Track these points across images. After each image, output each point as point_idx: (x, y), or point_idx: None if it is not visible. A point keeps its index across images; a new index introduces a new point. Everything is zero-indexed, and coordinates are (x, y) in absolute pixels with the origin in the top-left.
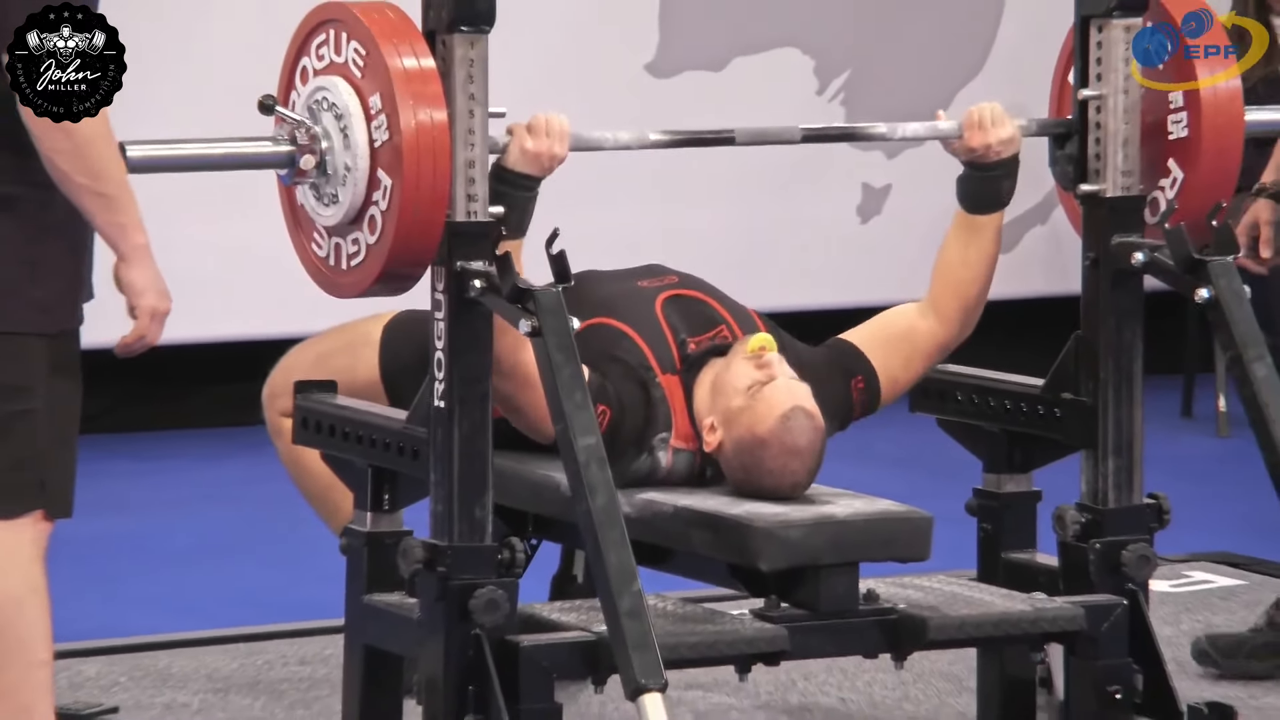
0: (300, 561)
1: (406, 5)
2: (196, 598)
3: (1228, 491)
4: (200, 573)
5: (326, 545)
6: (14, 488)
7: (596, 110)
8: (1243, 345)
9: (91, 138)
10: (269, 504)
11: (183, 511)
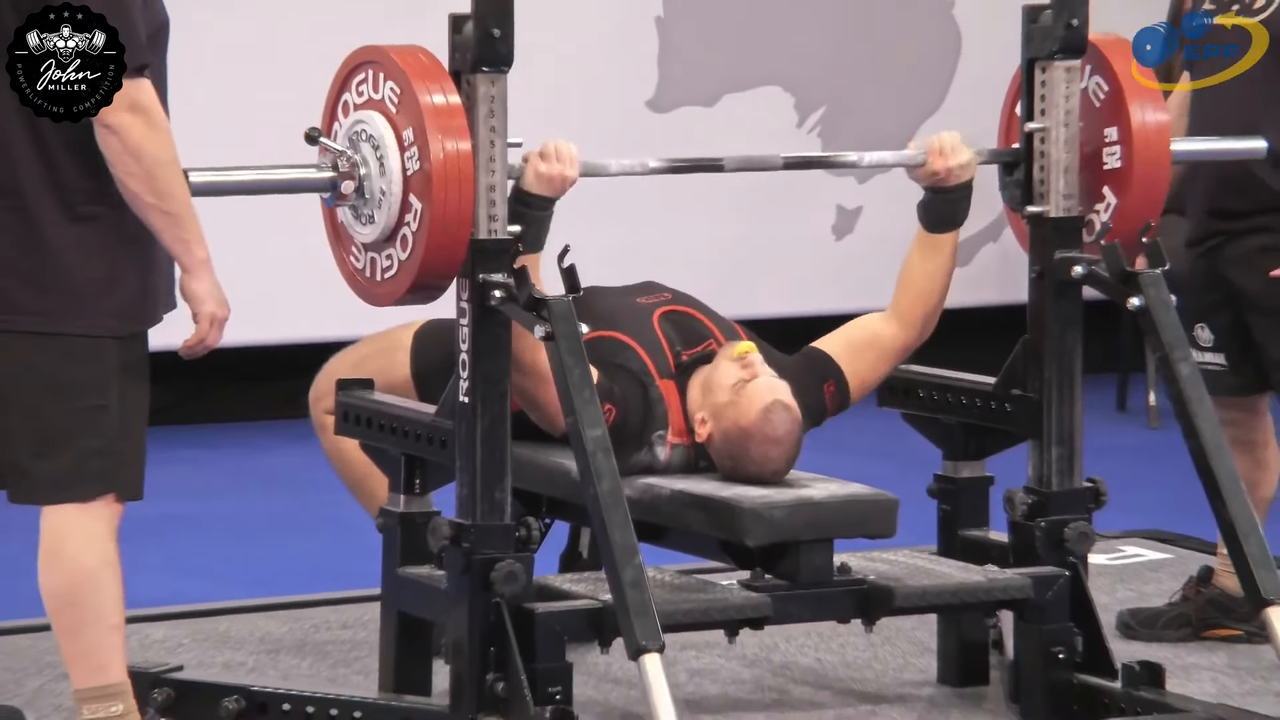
0: (341, 538)
1: (435, 47)
2: (251, 569)
3: (1157, 476)
4: (254, 547)
5: (364, 524)
6: (89, 474)
7: (602, 141)
8: (1170, 347)
9: (159, 163)
10: (313, 488)
11: (238, 494)
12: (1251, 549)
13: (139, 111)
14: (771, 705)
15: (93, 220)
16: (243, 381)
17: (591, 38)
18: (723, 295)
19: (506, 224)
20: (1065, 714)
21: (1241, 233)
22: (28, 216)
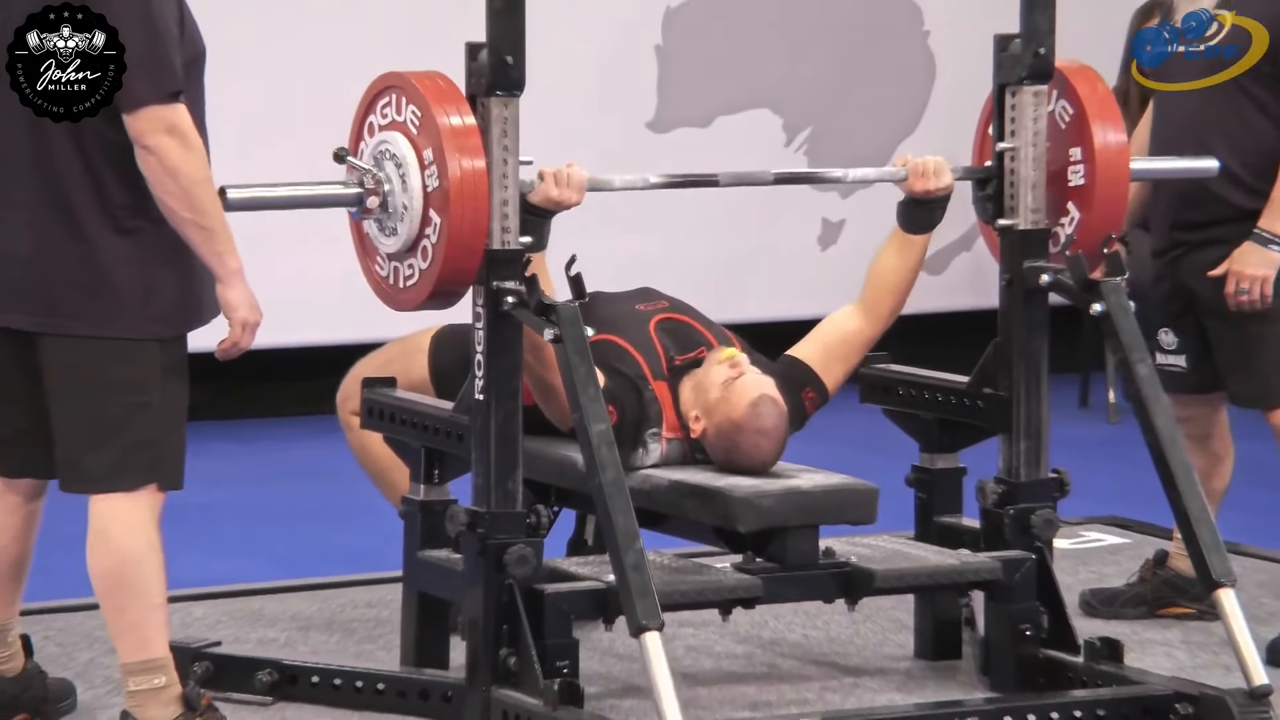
0: (365, 524)
1: (452, 73)
2: (282, 553)
3: (1116, 467)
4: (285, 533)
5: (386, 511)
6: (134, 466)
7: (606, 159)
8: (1128, 349)
9: (194, 182)
10: (339, 479)
11: (271, 484)
12: (1203, 535)
13: (175, 134)
14: (762, 678)
15: (135, 233)
16: (273, 381)
17: (596, 65)
18: (717, 300)
19: (518, 235)
20: (1032, 686)
21: (1200, 244)
22: (77, 231)
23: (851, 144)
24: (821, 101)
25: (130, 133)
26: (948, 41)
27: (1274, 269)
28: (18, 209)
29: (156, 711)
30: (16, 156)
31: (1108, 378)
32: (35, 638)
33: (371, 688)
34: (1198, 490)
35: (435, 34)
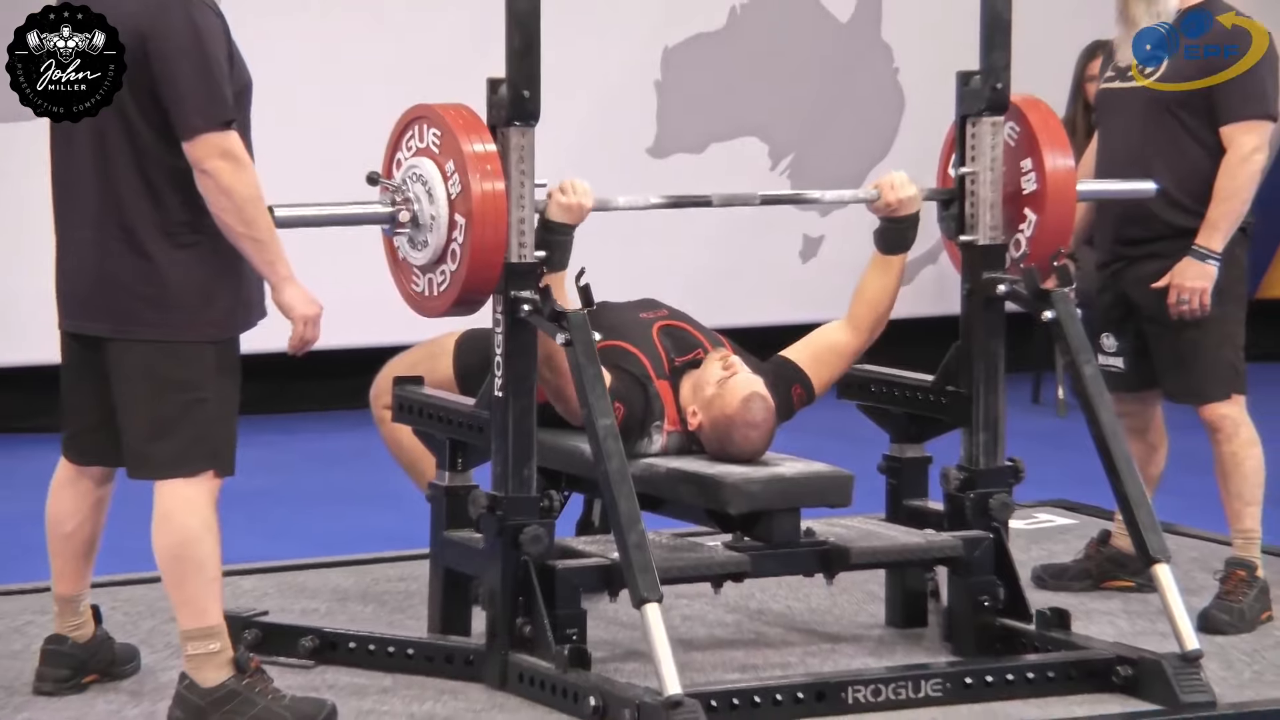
0: (397, 507)
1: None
2: (323, 532)
3: (1065, 456)
4: (325, 514)
5: (415, 496)
6: (193, 455)
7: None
8: (1076, 352)
9: (246, 200)
10: (373, 467)
11: (313, 471)
12: (1142, 516)
13: (228, 158)
14: (749, 644)
15: (192, 248)
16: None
17: (603, 98)
18: (710, 307)
19: (534, 250)
20: (989, 651)
21: (1140, 258)
22: (139, 247)
23: (829, 169)
24: (803, 131)
25: (189, 158)
26: (915, 77)
27: (1210, 281)
28: (86, 229)
29: (211, 673)
30: (83, 183)
31: (1057, 377)
32: (104, 608)
33: (402, 652)
34: (1137, 477)
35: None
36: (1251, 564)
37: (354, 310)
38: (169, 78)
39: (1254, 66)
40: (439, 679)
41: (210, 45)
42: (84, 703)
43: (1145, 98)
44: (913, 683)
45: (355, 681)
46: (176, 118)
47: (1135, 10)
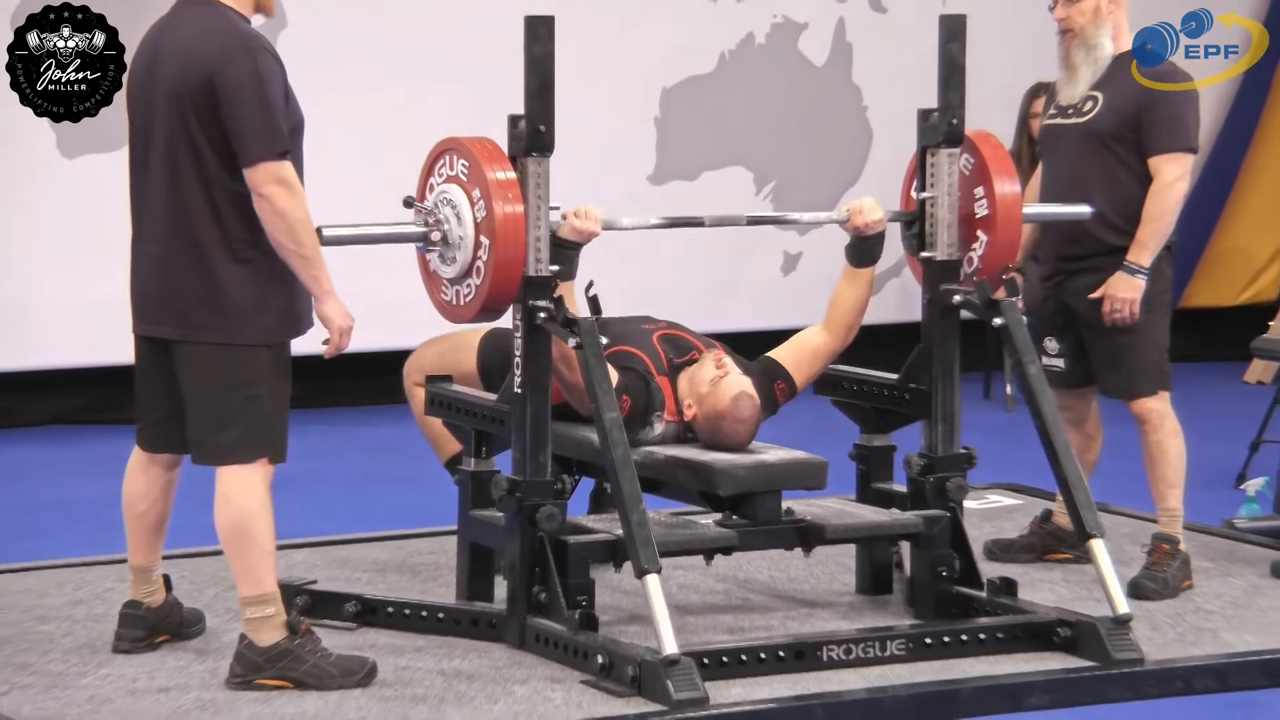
0: (429, 489)
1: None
2: (364, 511)
3: (1012, 445)
4: (367, 495)
5: (445, 479)
6: (251, 444)
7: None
8: (1021, 354)
9: (297, 221)
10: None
11: (355, 458)
12: (1079, 497)
13: (283, 184)
14: (737, 609)
15: (249, 262)
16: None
17: (609, 132)
18: (702, 314)
19: (549, 264)
20: (947, 615)
21: (1078, 271)
22: (204, 261)
23: (806, 193)
24: (783, 161)
25: (249, 183)
26: (881, 114)
27: (1139, 293)
28: (156, 244)
29: (267, 634)
30: (155, 203)
31: (1005, 376)
32: (173, 577)
33: (434, 616)
34: (1075, 463)
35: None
36: (1175, 539)
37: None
38: (234, 113)
39: (1178, 106)
40: (466, 640)
41: (269, 86)
42: (156, 660)
43: (1083, 132)
44: (880, 643)
45: (393, 642)
46: (239, 147)
47: (1076, 58)
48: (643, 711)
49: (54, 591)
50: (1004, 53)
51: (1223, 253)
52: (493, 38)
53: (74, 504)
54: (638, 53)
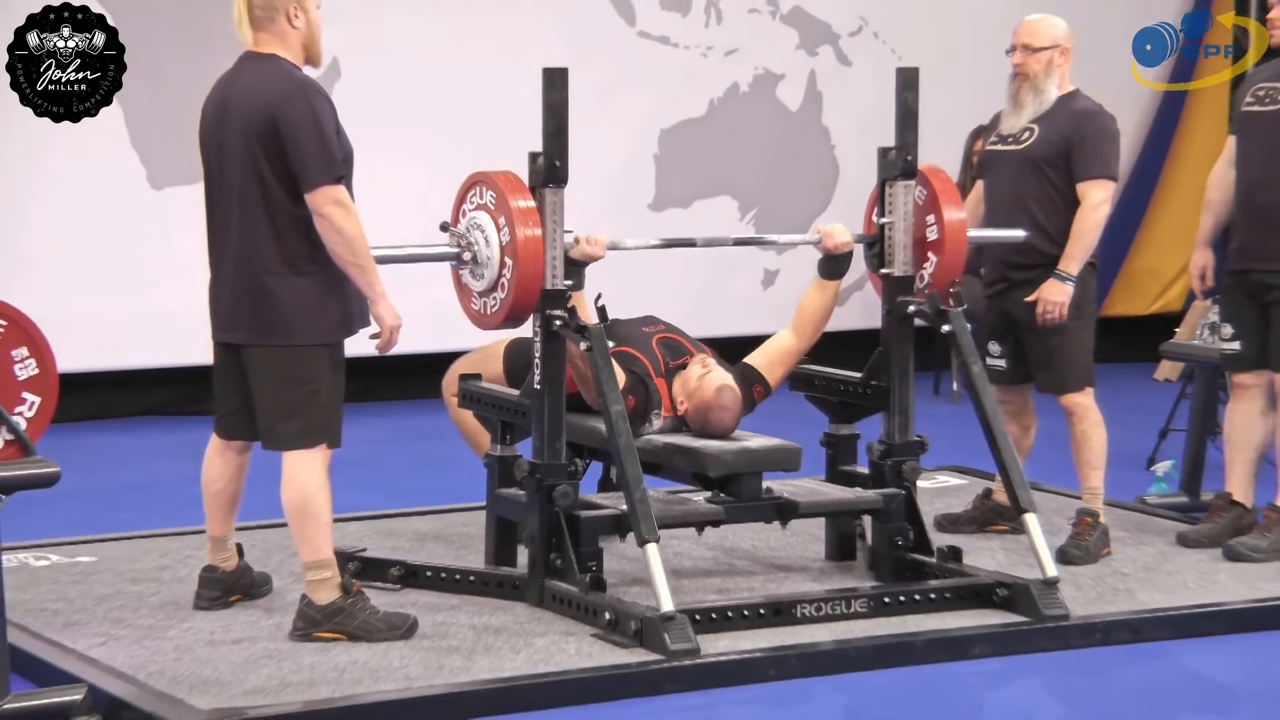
0: (461, 471)
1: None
2: (407, 489)
3: (958, 433)
4: (409, 476)
5: (475, 462)
6: (311, 432)
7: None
8: (966, 356)
9: (353, 237)
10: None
11: (400, 444)
12: (1015, 478)
13: (340, 204)
14: (724, 573)
15: (309, 275)
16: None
17: (615, 166)
18: (694, 321)
19: (563, 279)
20: (902, 578)
21: (1017, 283)
22: (270, 276)
23: (783, 219)
24: (763, 191)
25: (310, 205)
26: (847, 152)
27: (1068, 297)
28: (229, 261)
29: (324, 594)
30: (228, 226)
31: (952, 375)
32: (245, 545)
33: (465, 579)
34: (1011, 448)
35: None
36: (1096, 513)
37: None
38: (295, 146)
39: (1103, 140)
40: (493, 599)
41: (324, 123)
42: (230, 616)
43: (1021, 158)
44: (845, 601)
45: (431, 601)
46: (301, 175)
47: (1024, 98)
48: (644, 660)
49: (143, 558)
50: (950, 100)
51: (1137, 270)
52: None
53: (160, 484)
54: (639, 99)
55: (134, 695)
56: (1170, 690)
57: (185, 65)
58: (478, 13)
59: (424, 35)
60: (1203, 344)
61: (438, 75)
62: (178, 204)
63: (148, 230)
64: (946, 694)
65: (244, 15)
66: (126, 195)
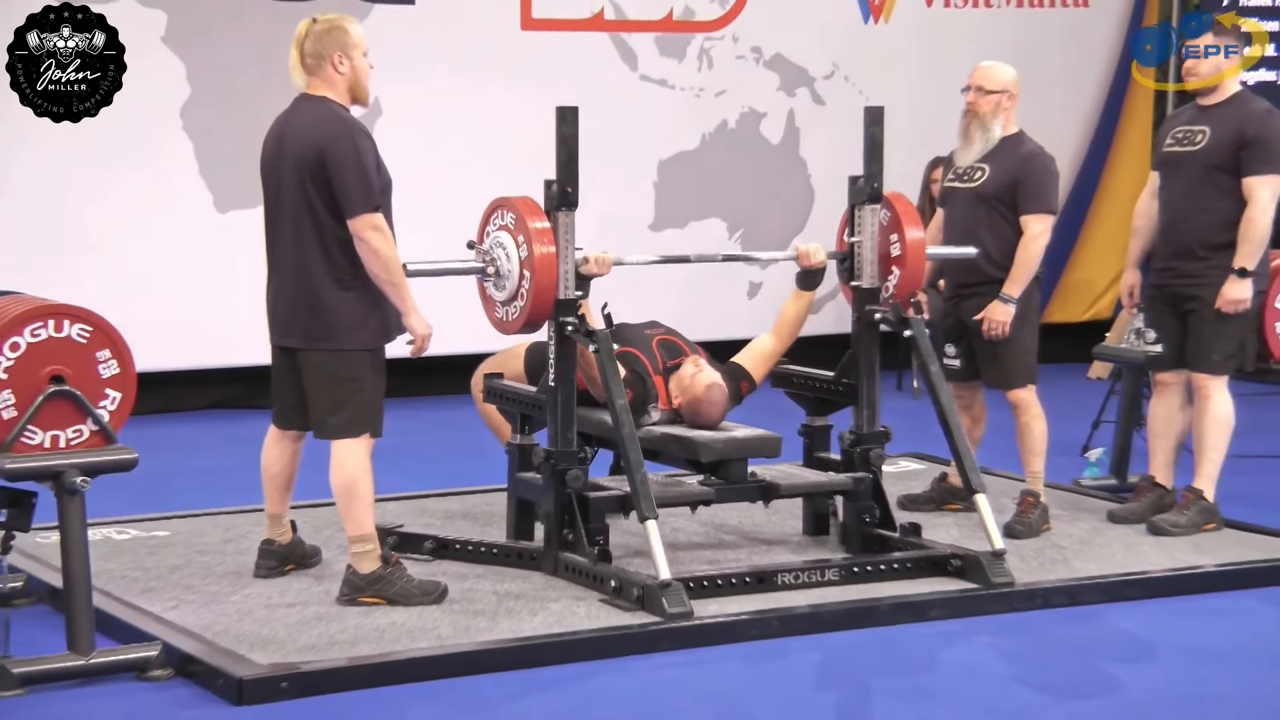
0: (486, 458)
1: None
2: (439, 474)
3: (918, 424)
4: (441, 462)
5: (497, 450)
6: (356, 423)
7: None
8: (924, 357)
9: (389, 258)
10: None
11: (432, 434)
12: (967, 463)
13: (377, 230)
14: (714, 546)
15: (353, 289)
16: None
17: (619, 192)
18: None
19: (574, 290)
20: (869, 551)
21: (969, 295)
22: (320, 290)
23: (765, 238)
24: (748, 214)
25: (351, 230)
26: (821, 180)
27: (1010, 316)
28: (286, 277)
29: (367, 564)
30: (284, 246)
31: (914, 373)
32: (298, 522)
33: (489, 551)
34: (964, 437)
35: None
36: (1037, 494)
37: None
38: (339, 179)
39: (1043, 178)
40: (514, 569)
41: (365, 158)
42: (285, 583)
43: (974, 194)
44: (819, 571)
45: (459, 570)
46: (344, 204)
47: (973, 134)
48: (644, 622)
49: (210, 532)
50: (910, 135)
51: (1072, 283)
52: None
53: (225, 468)
54: (641, 134)
55: (202, 651)
56: (1101, 646)
57: (246, 106)
58: (500, 59)
59: (454, 79)
60: (1129, 347)
61: (465, 113)
62: (240, 226)
63: (214, 248)
64: (908, 651)
65: (297, 63)
66: (196, 218)
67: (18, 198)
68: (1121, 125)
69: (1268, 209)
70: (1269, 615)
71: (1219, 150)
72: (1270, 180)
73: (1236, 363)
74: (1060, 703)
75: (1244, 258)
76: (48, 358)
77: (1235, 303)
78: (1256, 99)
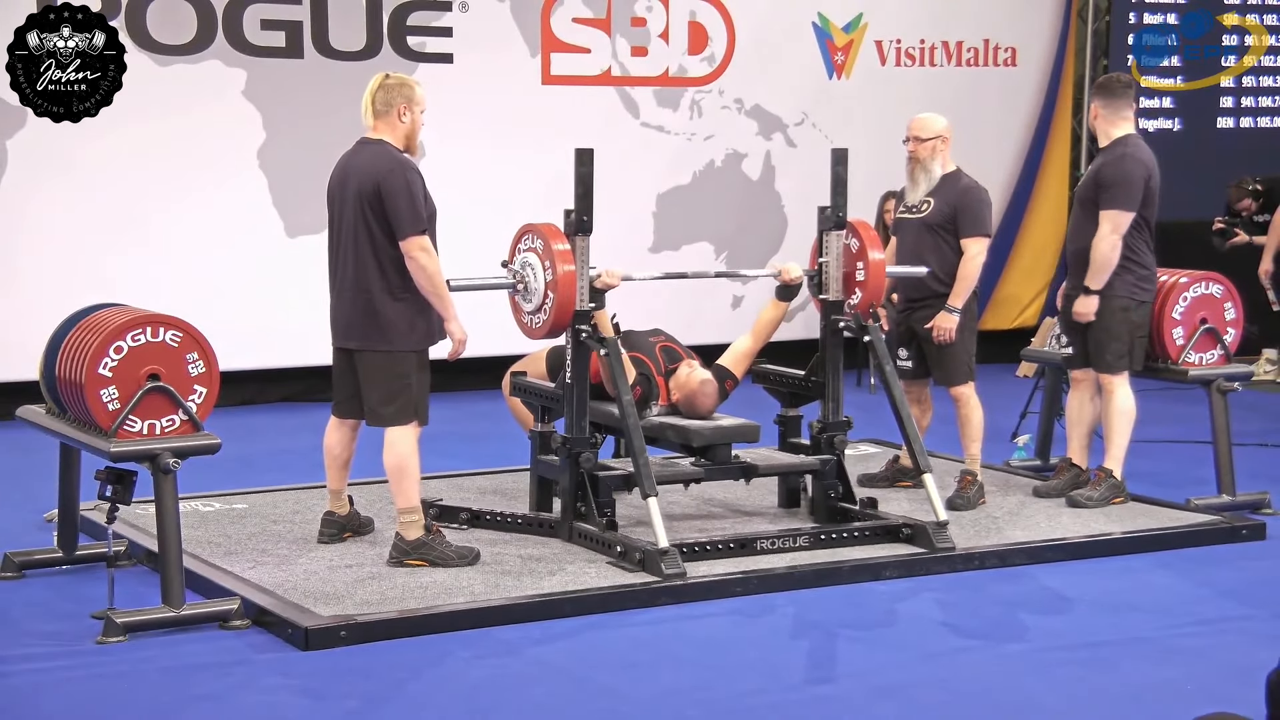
0: (513, 442)
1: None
2: (473, 455)
3: (875, 415)
4: (475, 446)
5: (522, 436)
6: (406, 413)
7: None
8: (881, 359)
9: (434, 274)
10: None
11: (468, 423)
12: (916, 447)
13: (424, 251)
14: (704, 518)
15: (404, 300)
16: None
17: (625, 220)
18: (683, 331)
19: (589, 301)
20: (834, 521)
21: (919, 307)
22: (375, 299)
23: (747, 258)
24: (732, 238)
25: (402, 250)
26: (794, 210)
27: (955, 324)
28: (346, 289)
29: (412, 532)
30: (345, 261)
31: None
32: (355, 496)
33: (515, 521)
34: (914, 425)
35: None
36: (975, 473)
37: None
38: (392, 206)
39: (978, 207)
40: (535, 536)
41: (415, 189)
42: (344, 548)
43: (922, 223)
44: (792, 538)
45: (490, 537)
46: (396, 227)
47: (917, 176)
48: (645, 581)
49: (281, 504)
50: (867, 172)
51: (1003, 295)
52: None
53: (294, 451)
54: (643, 172)
55: (274, 605)
56: (1027, 600)
57: (310, 150)
58: (524, 109)
59: (486, 124)
60: (1050, 350)
61: (496, 154)
62: (307, 248)
63: (285, 266)
64: (867, 604)
65: (369, 105)
66: (270, 241)
67: (122, 220)
68: (1044, 163)
69: (1107, 238)
70: (1164, 575)
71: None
72: (1113, 214)
73: (1127, 363)
74: (991, 645)
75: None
76: (146, 359)
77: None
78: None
